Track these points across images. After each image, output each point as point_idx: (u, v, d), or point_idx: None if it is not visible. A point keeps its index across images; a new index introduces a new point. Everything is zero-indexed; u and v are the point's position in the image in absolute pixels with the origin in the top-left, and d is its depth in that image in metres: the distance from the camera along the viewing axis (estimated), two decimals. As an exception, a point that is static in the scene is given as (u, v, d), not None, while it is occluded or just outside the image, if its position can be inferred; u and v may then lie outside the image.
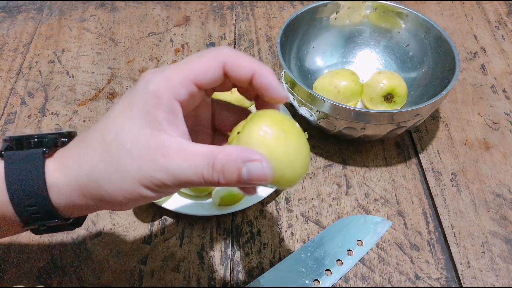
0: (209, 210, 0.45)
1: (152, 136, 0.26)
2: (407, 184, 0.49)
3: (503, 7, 0.72)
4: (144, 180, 0.26)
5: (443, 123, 0.56)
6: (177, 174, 0.25)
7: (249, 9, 0.72)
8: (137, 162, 0.26)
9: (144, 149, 0.26)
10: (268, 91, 0.28)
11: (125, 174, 0.26)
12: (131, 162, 0.26)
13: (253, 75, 0.28)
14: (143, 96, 0.26)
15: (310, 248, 0.44)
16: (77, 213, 0.30)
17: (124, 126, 0.26)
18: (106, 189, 0.27)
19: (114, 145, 0.26)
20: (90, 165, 0.27)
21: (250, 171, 0.25)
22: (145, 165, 0.26)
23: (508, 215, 0.47)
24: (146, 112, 0.26)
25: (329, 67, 0.59)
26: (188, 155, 0.26)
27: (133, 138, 0.26)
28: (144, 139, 0.26)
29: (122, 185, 0.26)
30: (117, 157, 0.26)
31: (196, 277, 0.42)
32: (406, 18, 0.56)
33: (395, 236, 0.45)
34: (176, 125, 0.26)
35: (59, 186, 0.27)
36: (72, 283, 0.41)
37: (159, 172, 0.25)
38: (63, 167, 0.28)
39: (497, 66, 0.63)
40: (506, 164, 0.51)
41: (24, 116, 0.56)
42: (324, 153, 0.52)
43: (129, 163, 0.26)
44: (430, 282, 0.42)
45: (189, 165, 0.25)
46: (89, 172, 0.27)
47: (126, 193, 0.26)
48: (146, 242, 0.44)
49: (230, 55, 0.27)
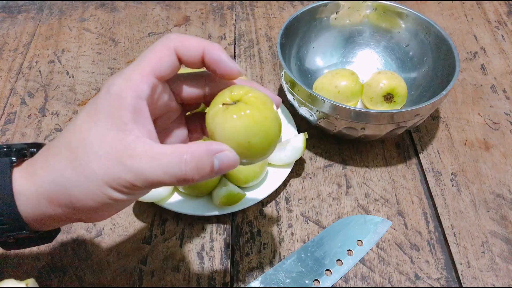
0: (209, 210, 0.45)
1: (118, 137, 0.26)
2: (407, 184, 0.49)
3: (503, 7, 0.72)
4: (112, 182, 0.26)
5: (443, 123, 0.56)
6: (146, 174, 0.25)
7: (249, 9, 0.72)
8: (104, 164, 0.25)
9: (110, 151, 0.25)
10: (219, 66, 0.28)
11: (92, 176, 0.26)
12: (98, 164, 0.25)
13: (203, 53, 0.28)
14: (107, 99, 0.26)
15: (310, 248, 0.44)
16: (47, 225, 0.29)
17: (90, 130, 0.26)
18: (75, 194, 0.26)
19: (81, 148, 0.26)
20: (57, 170, 0.26)
21: (222, 161, 0.26)
22: (112, 167, 0.25)
23: (508, 215, 0.47)
24: (110, 114, 0.26)
25: (329, 67, 0.59)
26: (155, 155, 0.26)
27: (99, 141, 0.26)
28: (110, 141, 0.26)
29: (90, 188, 0.26)
30: (84, 161, 0.26)
31: (196, 277, 0.42)
32: (406, 18, 0.56)
33: (395, 236, 0.45)
34: (142, 123, 0.26)
35: (26, 194, 0.27)
36: (72, 283, 0.41)
37: (127, 174, 0.25)
38: (30, 175, 0.27)
39: (497, 66, 0.63)
40: (506, 164, 0.51)
41: (24, 116, 0.56)
42: (324, 153, 0.52)
43: (96, 165, 0.25)
44: (430, 282, 0.42)
45: (158, 165, 0.25)
46: (56, 177, 0.26)
47: (95, 197, 0.26)
48: (146, 242, 0.44)
49: (178, 38, 0.28)
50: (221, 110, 0.28)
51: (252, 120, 0.27)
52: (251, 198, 0.46)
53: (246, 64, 0.63)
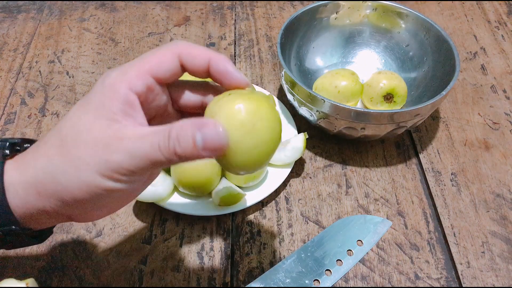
0: (209, 210, 0.45)
1: (107, 125, 0.26)
2: (407, 184, 0.49)
3: (503, 7, 0.72)
4: (101, 166, 0.25)
5: (443, 123, 0.56)
6: (133, 151, 0.25)
7: (249, 9, 0.72)
8: (92, 149, 0.25)
9: (98, 137, 0.25)
10: (225, 77, 0.28)
11: (80, 162, 0.25)
12: (85, 150, 0.25)
13: (209, 64, 0.28)
14: (100, 90, 0.26)
15: (310, 248, 0.44)
16: (38, 222, 0.28)
17: (80, 119, 0.26)
18: (62, 183, 0.26)
19: (70, 136, 0.26)
20: (45, 158, 0.26)
21: (205, 137, 0.24)
22: (100, 150, 0.25)
23: (508, 215, 0.47)
24: (101, 104, 0.26)
25: (329, 67, 0.59)
26: (144, 133, 0.25)
27: (88, 128, 0.26)
28: (98, 128, 0.26)
29: (78, 174, 0.25)
30: (72, 147, 0.26)
31: (196, 277, 0.42)
32: (406, 18, 0.56)
33: (395, 236, 0.45)
34: (134, 116, 0.26)
35: (15, 186, 0.27)
36: (72, 283, 0.41)
37: (114, 154, 0.25)
38: (20, 165, 0.27)
39: (497, 66, 0.63)
40: (506, 164, 0.51)
41: (24, 116, 0.56)
42: (324, 153, 0.52)
43: (83, 151, 0.25)
44: (430, 282, 0.42)
45: (146, 140, 0.25)
46: (44, 165, 0.26)
47: (83, 186, 0.26)
48: (146, 242, 0.44)
49: (185, 46, 0.28)
50: (225, 95, 0.27)
51: (259, 104, 0.26)
52: (251, 198, 0.46)
53: (246, 64, 0.63)
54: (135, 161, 0.25)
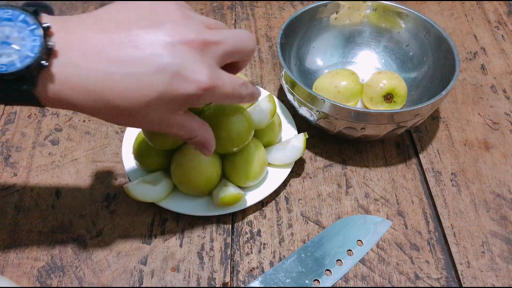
0: (209, 210, 0.45)
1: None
2: (407, 184, 0.49)
3: (503, 7, 0.72)
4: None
5: (443, 123, 0.56)
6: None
7: (249, 9, 0.72)
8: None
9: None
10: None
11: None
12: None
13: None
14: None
15: (310, 248, 0.44)
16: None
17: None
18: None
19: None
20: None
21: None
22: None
23: (508, 215, 0.47)
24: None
25: (329, 67, 0.59)
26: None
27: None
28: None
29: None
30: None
31: (196, 277, 0.42)
32: (406, 18, 0.56)
33: (395, 236, 0.45)
34: None
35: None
36: (72, 283, 0.41)
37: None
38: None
39: (497, 66, 0.63)
40: (506, 164, 0.51)
41: (24, 116, 0.56)
42: (324, 153, 0.52)
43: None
44: (430, 282, 0.42)
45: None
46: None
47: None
48: (146, 242, 0.44)
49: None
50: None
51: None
52: (251, 198, 0.46)
53: (246, 64, 0.63)
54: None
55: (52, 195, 0.48)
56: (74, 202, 0.47)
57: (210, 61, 0.32)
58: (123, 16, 0.31)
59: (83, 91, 0.29)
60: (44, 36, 0.28)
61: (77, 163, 0.51)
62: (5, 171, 0.50)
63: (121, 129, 0.54)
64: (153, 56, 0.30)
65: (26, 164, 0.50)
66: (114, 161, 0.51)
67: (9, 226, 0.45)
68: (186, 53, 0.31)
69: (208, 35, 0.32)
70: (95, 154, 0.51)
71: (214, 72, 0.32)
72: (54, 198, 0.47)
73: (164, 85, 0.30)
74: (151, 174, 0.46)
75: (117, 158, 0.51)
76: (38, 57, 0.27)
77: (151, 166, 0.46)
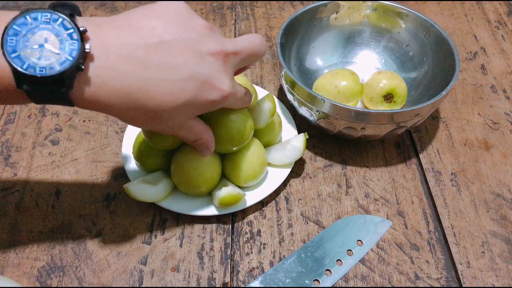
0: (209, 210, 0.45)
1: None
2: (407, 184, 0.49)
3: (503, 7, 0.72)
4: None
5: (443, 123, 0.56)
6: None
7: (249, 9, 0.72)
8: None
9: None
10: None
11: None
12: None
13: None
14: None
15: (310, 248, 0.44)
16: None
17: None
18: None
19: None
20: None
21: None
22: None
23: (508, 215, 0.47)
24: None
25: (329, 67, 0.59)
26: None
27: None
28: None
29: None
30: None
31: (196, 277, 0.42)
32: (406, 18, 0.56)
33: (395, 236, 0.45)
34: None
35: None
36: (72, 283, 0.41)
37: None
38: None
39: (497, 66, 0.63)
40: (506, 164, 0.51)
41: (24, 116, 0.56)
42: (324, 153, 0.52)
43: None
44: (430, 282, 0.42)
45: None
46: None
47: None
48: (146, 242, 0.44)
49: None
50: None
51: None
52: (251, 198, 0.46)
53: (246, 64, 0.63)
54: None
55: (52, 195, 0.48)
56: (74, 202, 0.47)
57: (230, 70, 0.35)
58: (155, 23, 0.32)
59: (118, 94, 0.31)
60: (81, 40, 0.29)
61: (77, 163, 0.51)
62: (5, 171, 0.50)
63: (121, 129, 0.54)
64: (185, 64, 0.32)
65: (26, 164, 0.50)
66: (114, 161, 0.51)
67: (9, 226, 0.45)
68: (213, 63, 0.33)
69: (229, 46, 0.35)
70: (95, 154, 0.51)
71: (233, 82, 0.36)
72: (54, 198, 0.47)
73: (194, 91, 0.33)
74: (151, 174, 0.46)
75: (117, 158, 0.51)
76: (76, 60, 0.28)
77: (151, 166, 0.46)
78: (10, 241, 0.44)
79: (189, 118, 0.36)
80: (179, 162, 0.44)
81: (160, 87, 0.31)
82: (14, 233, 0.44)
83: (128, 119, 0.34)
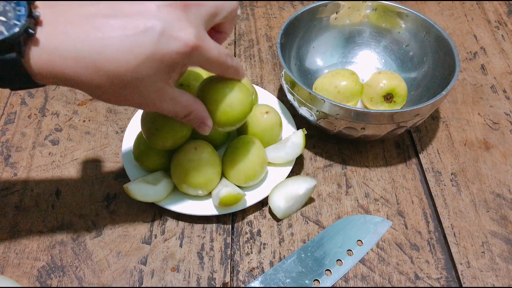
0: (209, 210, 0.45)
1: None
2: (407, 184, 0.49)
3: (503, 7, 0.72)
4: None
5: (443, 123, 0.56)
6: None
7: (249, 9, 0.72)
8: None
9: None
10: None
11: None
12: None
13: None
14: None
15: (310, 248, 0.44)
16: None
17: None
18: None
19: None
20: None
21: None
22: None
23: (508, 215, 0.47)
24: None
25: (329, 67, 0.59)
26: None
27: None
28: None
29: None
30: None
31: (196, 277, 0.42)
32: (406, 18, 0.56)
33: (395, 236, 0.45)
34: None
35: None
36: (72, 283, 0.41)
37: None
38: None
39: (497, 66, 0.63)
40: (506, 164, 0.51)
41: (24, 116, 0.56)
42: (324, 153, 0.52)
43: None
44: (430, 282, 0.42)
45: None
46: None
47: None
48: (146, 242, 0.44)
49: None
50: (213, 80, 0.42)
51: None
52: (251, 198, 0.46)
53: (246, 64, 0.63)
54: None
55: (52, 195, 0.48)
56: (74, 202, 0.47)
57: (195, 20, 0.33)
58: None
59: (73, 58, 0.30)
60: (29, 9, 0.29)
61: (77, 163, 0.51)
62: (5, 171, 0.50)
63: (121, 129, 0.54)
64: (140, 18, 0.31)
65: (26, 164, 0.50)
66: (114, 161, 0.51)
67: (9, 226, 0.45)
68: (171, 13, 0.32)
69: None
70: (95, 154, 0.51)
71: (200, 32, 0.33)
72: (54, 198, 0.47)
73: (152, 44, 0.31)
74: (151, 174, 0.46)
75: (117, 158, 0.51)
76: (24, 25, 0.28)
77: (151, 166, 0.46)
78: (10, 241, 0.44)
79: (165, 82, 0.33)
80: (179, 162, 0.44)
81: (115, 45, 0.30)
82: (14, 233, 0.44)
83: (97, 92, 0.32)
